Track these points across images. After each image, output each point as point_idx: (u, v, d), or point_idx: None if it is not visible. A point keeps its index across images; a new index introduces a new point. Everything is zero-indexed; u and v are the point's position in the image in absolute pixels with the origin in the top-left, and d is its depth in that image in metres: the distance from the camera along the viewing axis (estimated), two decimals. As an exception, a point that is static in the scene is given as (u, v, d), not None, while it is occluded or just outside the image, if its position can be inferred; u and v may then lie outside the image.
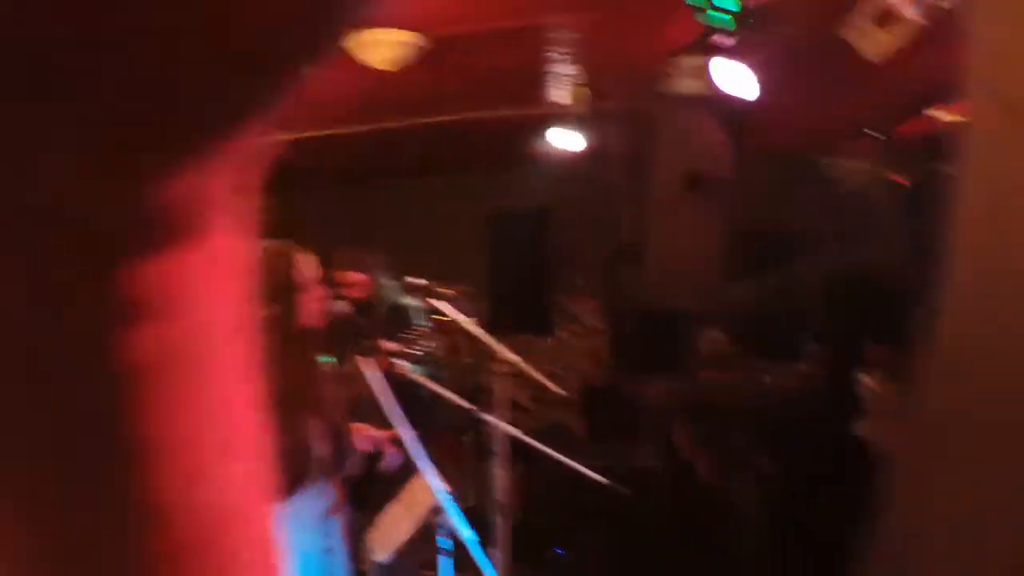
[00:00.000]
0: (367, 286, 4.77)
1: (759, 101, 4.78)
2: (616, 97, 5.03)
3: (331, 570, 2.72)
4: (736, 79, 4.71)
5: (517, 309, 8.53)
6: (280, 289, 2.49)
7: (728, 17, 4.57)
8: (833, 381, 8.24)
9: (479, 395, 3.96)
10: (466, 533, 2.49)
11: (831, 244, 8.17)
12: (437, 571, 2.92)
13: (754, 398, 7.78)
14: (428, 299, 4.69)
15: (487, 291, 8.64)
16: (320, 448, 2.58)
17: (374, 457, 2.84)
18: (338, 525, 2.75)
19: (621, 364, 8.31)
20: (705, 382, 7.25)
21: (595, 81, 5.31)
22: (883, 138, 6.55)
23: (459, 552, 3.16)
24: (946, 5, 3.62)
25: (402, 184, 8.90)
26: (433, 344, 4.05)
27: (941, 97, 5.51)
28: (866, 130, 6.70)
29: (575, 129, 5.95)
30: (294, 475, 2.44)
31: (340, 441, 2.72)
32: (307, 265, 2.56)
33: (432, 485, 2.49)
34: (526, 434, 3.63)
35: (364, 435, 2.76)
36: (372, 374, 2.76)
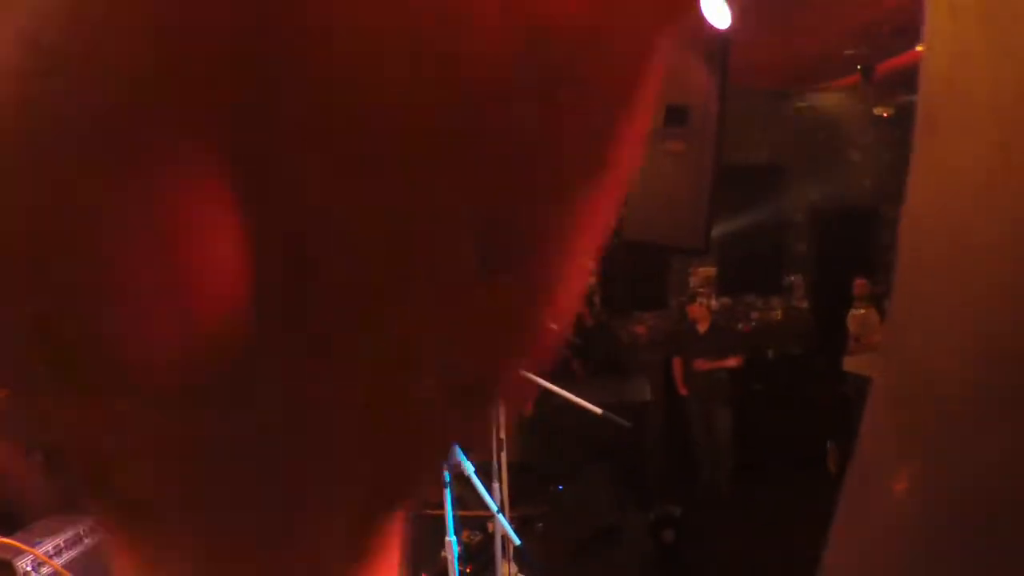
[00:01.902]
0: None
1: (741, 34, 4.73)
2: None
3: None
4: (715, 9, 4.64)
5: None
6: None
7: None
8: (819, 313, 8.35)
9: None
10: (468, 466, 2.50)
11: (815, 177, 8.20)
12: (439, 505, 2.94)
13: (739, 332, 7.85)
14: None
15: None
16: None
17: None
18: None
19: (611, 300, 8.35)
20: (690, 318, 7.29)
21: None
22: (866, 72, 6.53)
23: (461, 485, 3.19)
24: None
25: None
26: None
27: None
28: (849, 64, 6.67)
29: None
30: None
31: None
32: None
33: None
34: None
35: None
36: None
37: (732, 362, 6.94)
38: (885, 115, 7.12)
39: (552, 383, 3.51)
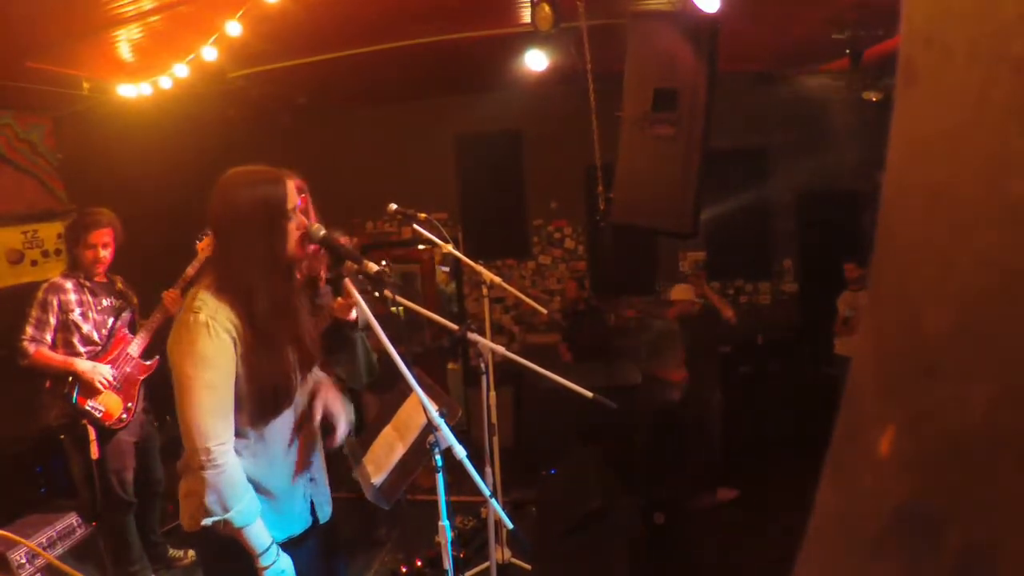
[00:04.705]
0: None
1: (729, 18, 4.71)
2: (585, 15, 4.94)
3: (316, 498, 2.73)
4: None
5: (494, 234, 8.51)
6: (274, 215, 2.42)
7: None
8: (808, 296, 8.37)
9: (465, 319, 3.98)
10: (459, 452, 2.50)
11: (804, 162, 8.21)
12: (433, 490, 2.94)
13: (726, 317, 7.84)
14: (408, 226, 4.67)
15: (463, 217, 8.62)
16: (303, 376, 2.57)
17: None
18: (320, 455, 2.75)
19: (600, 285, 8.36)
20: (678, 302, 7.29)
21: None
22: (855, 56, 6.51)
23: (453, 471, 3.18)
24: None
25: (377, 110, 8.78)
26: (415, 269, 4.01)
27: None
28: (837, 48, 6.66)
29: (544, 49, 5.83)
30: (275, 402, 2.43)
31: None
32: (291, 192, 2.50)
33: (423, 406, 2.49)
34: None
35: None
36: (359, 299, 2.73)
37: (728, 312, 6.87)
38: (874, 99, 7.11)
39: (543, 367, 3.52)
